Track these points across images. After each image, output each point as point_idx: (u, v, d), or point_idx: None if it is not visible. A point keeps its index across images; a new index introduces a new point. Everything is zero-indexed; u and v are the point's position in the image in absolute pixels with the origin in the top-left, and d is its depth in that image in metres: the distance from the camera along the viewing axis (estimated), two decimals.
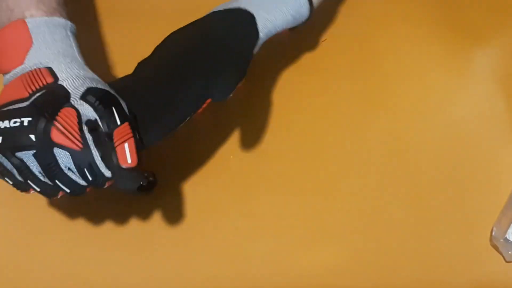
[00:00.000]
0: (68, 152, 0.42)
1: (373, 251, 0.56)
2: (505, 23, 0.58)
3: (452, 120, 0.61)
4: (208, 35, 0.53)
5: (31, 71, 0.44)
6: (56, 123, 0.41)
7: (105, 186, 0.45)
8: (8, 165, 0.43)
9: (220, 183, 0.59)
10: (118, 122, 0.43)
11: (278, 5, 0.56)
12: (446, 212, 0.58)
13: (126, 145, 0.43)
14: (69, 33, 0.48)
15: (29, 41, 0.45)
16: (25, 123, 0.41)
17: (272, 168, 0.60)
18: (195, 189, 0.58)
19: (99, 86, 0.45)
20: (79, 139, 0.42)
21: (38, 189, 0.44)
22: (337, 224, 0.57)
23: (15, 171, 0.43)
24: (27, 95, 0.43)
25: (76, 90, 0.44)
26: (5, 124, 0.42)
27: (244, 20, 0.54)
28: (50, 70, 0.44)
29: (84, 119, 0.43)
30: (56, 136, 0.42)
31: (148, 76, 0.51)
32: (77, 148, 0.42)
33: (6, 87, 0.45)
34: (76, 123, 0.42)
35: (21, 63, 0.45)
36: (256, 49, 0.55)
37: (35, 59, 0.45)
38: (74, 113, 0.42)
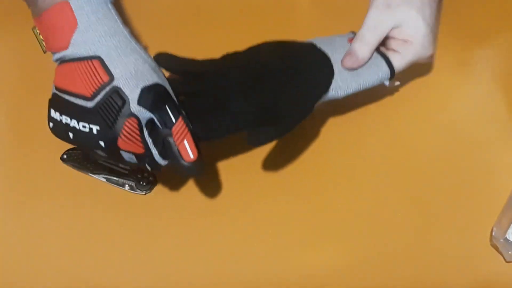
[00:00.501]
0: (132, 154, 0.48)
1: (373, 251, 0.56)
2: (505, 23, 0.58)
3: (452, 120, 0.61)
4: (294, 64, 0.55)
5: (84, 61, 0.47)
6: (122, 135, 0.47)
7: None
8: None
9: (220, 183, 0.59)
10: (174, 121, 0.47)
11: (358, 78, 0.56)
12: (446, 212, 0.58)
13: (185, 142, 0.48)
14: (110, 6, 0.50)
15: (74, 22, 0.47)
16: (94, 131, 0.47)
17: (272, 168, 0.60)
18: (195, 189, 0.58)
19: (151, 79, 0.48)
20: (142, 144, 0.48)
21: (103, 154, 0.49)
22: (337, 224, 0.57)
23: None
24: (88, 95, 0.47)
25: (132, 93, 0.47)
26: (74, 123, 0.47)
27: (324, 75, 0.56)
28: (102, 62, 0.47)
29: (143, 121, 0.47)
30: (122, 144, 0.47)
31: (225, 72, 0.54)
32: (140, 152, 0.48)
33: (61, 69, 0.48)
34: (138, 132, 0.47)
35: (67, 44, 0.47)
36: (318, 103, 0.56)
37: (83, 43, 0.47)
38: (136, 122, 0.47)
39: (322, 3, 0.66)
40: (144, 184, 0.58)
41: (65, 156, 0.59)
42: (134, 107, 0.47)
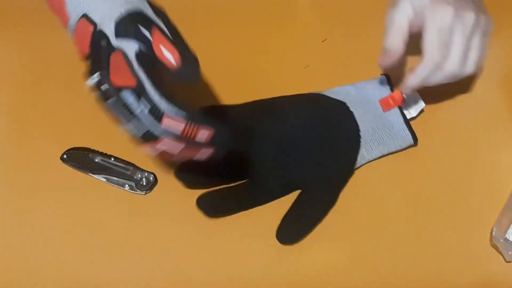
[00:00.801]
0: (129, 89, 0.46)
1: (373, 251, 0.56)
2: (505, 23, 0.58)
3: (452, 120, 0.61)
4: (325, 139, 0.58)
5: (77, 24, 0.49)
6: (111, 69, 0.46)
7: (163, 122, 0.46)
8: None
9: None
10: (149, 37, 0.46)
11: (383, 148, 0.58)
12: (446, 212, 0.58)
13: (162, 49, 0.46)
14: None
15: None
16: (95, 80, 0.47)
17: None
18: (196, 189, 0.58)
19: (121, 10, 0.48)
20: (131, 73, 0.46)
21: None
22: (337, 224, 0.57)
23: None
24: (87, 51, 0.49)
25: (109, 30, 0.47)
26: (89, 81, 0.48)
27: (351, 151, 0.58)
28: (86, 17, 0.48)
29: (130, 53, 0.46)
30: (115, 79, 0.46)
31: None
32: (133, 84, 0.46)
33: (74, 42, 0.50)
34: (125, 63, 0.46)
35: (67, 16, 0.49)
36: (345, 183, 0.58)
37: (74, 9, 0.49)
38: (121, 54, 0.46)
39: (321, 2, 0.66)
40: (144, 184, 0.58)
41: (65, 156, 0.59)
42: (114, 41, 0.47)
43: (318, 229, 0.57)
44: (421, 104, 0.59)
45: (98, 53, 0.47)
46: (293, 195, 0.58)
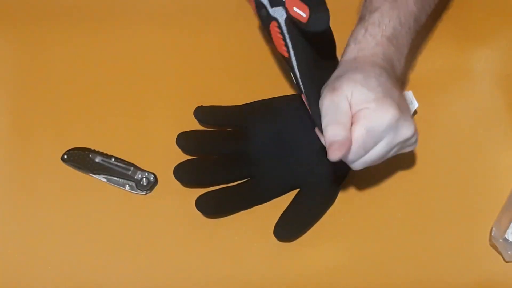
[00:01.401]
0: (288, 54, 0.52)
1: (373, 250, 0.57)
2: (505, 23, 0.58)
3: (452, 120, 0.61)
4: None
5: None
6: (273, 38, 0.52)
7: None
8: None
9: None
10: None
11: None
12: (445, 212, 0.58)
13: (294, 7, 0.49)
14: None
15: None
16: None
17: None
18: (195, 189, 0.58)
19: None
20: (285, 48, 0.52)
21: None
22: (337, 224, 0.57)
23: None
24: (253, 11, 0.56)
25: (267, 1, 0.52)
26: None
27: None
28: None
29: (282, 22, 0.51)
30: (277, 47, 0.52)
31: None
32: (286, 55, 0.52)
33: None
34: (279, 33, 0.52)
35: None
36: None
37: None
38: (275, 24, 0.52)
39: None
40: (144, 184, 0.58)
41: (65, 156, 0.59)
42: (271, 10, 0.52)
43: (318, 228, 0.57)
44: (415, 105, 0.59)
45: (263, 21, 0.53)
46: (292, 194, 0.58)
